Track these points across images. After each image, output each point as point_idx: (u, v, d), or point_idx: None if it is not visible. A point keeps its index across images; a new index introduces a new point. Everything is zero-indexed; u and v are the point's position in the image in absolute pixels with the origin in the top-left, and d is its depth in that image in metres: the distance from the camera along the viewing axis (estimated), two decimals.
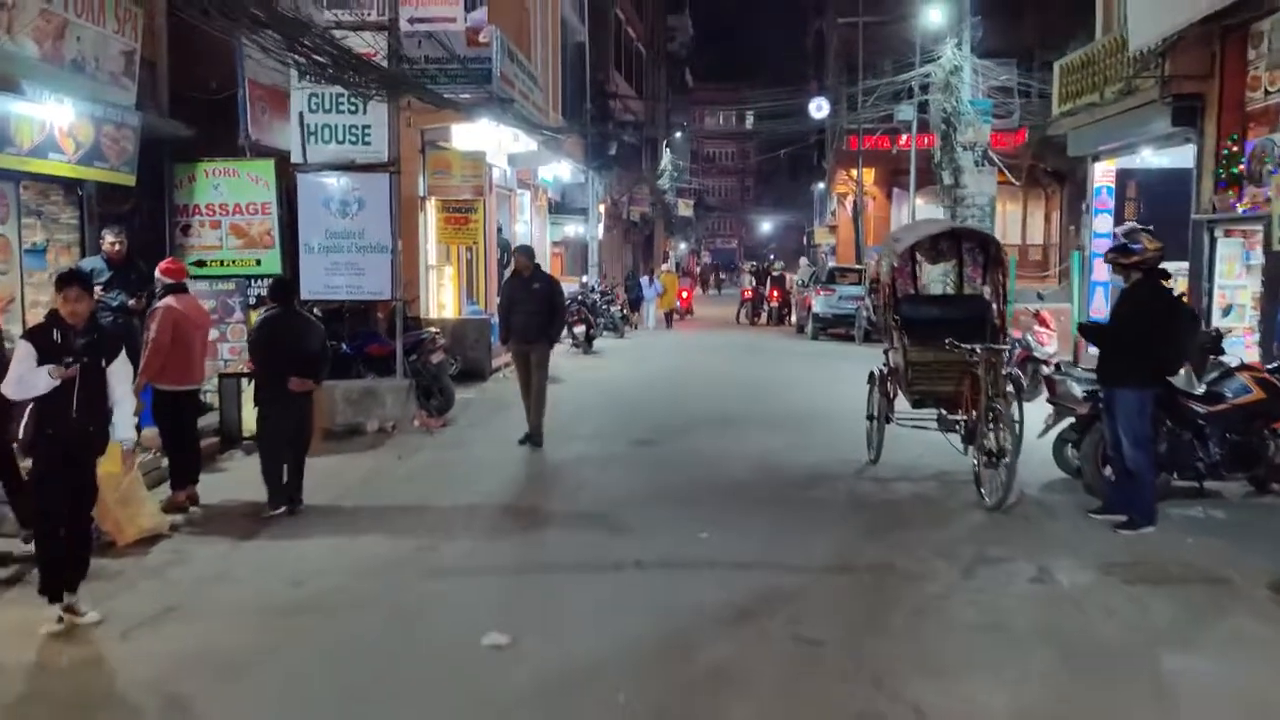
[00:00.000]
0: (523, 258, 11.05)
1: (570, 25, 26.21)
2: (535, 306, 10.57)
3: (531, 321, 10.57)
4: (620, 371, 17.63)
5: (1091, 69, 15.81)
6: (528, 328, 10.59)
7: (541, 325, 10.61)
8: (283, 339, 8.05)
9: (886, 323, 9.54)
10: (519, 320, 10.65)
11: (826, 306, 24.90)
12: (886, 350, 9.79)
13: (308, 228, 11.58)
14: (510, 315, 10.80)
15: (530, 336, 10.62)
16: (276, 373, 8.00)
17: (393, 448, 10.60)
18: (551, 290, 10.85)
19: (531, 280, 10.77)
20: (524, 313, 10.60)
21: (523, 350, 10.74)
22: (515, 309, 10.70)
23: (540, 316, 10.58)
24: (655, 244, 46.57)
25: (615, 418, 12.51)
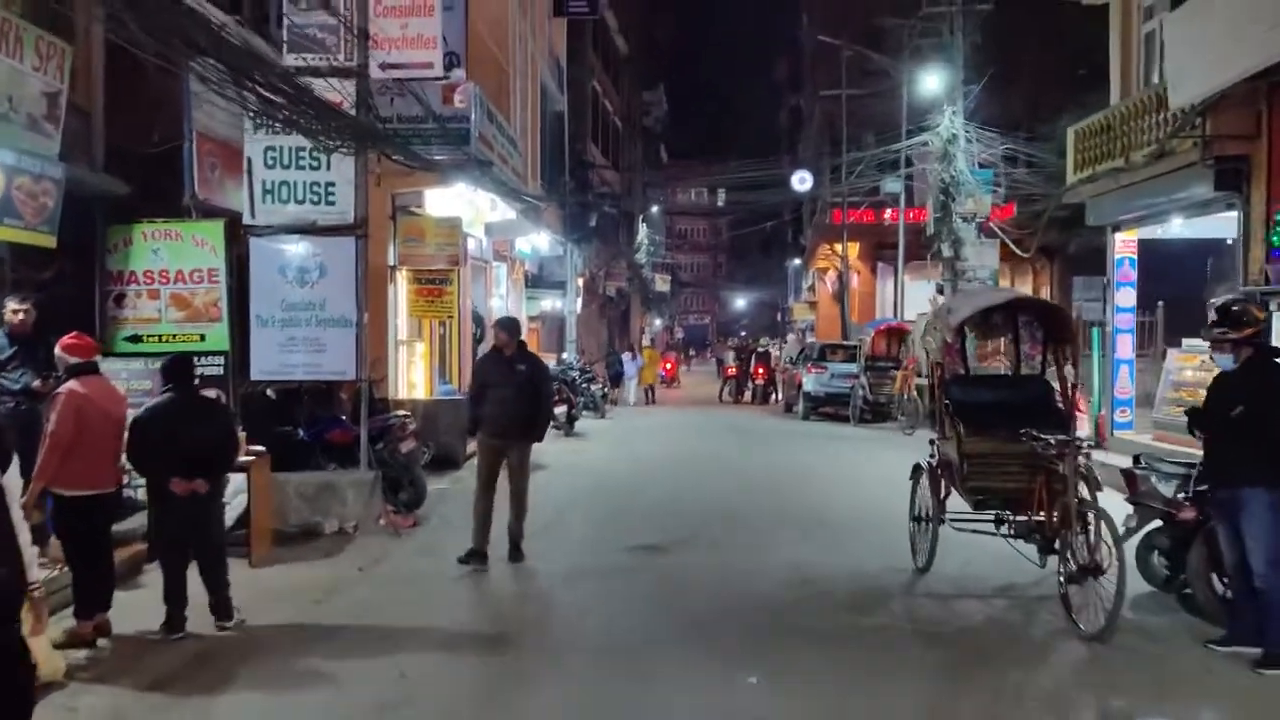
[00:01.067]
0: (504, 333, 8.97)
1: (549, 93, 25.21)
2: (517, 394, 8.57)
3: (511, 412, 8.57)
4: (608, 456, 16.14)
5: (1111, 133, 14.81)
6: (506, 420, 8.59)
7: (524, 418, 8.64)
8: (166, 430, 6.64)
9: (938, 409, 8.16)
10: (495, 410, 8.61)
11: (819, 385, 23.62)
12: (935, 440, 8.40)
13: (261, 298, 10.14)
14: (482, 402, 8.75)
15: (509, 431, 8.66)
16: (156, 472, 6.65)
17: (354, 554, 9.03)
18: (538, 375, 8.94)
19: (514, 361, 8.75)
20: (502, 401, 8.58)
21: (496, 447, 8.74)
22: (490, 395, 8.68)
23: (523, 407, 8.61)
24: (631, 320, 45.38)
25: (609, 515, 11.00)
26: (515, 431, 8.68)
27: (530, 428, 8.76)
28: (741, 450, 17.33)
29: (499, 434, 8.68)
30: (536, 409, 8.75)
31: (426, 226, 14.89)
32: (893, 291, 34.95)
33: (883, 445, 18.44)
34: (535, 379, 8.79)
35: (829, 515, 11.00)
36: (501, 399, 8.58)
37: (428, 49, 12.21)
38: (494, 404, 8.61)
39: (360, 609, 7.45)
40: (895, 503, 11.70)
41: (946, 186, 20.64)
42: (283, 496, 9.72)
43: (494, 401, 8.61)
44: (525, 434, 8.76)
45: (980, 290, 8.48)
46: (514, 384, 8.59)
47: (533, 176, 21.75)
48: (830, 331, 39.38)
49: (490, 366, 8.99)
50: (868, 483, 13.53)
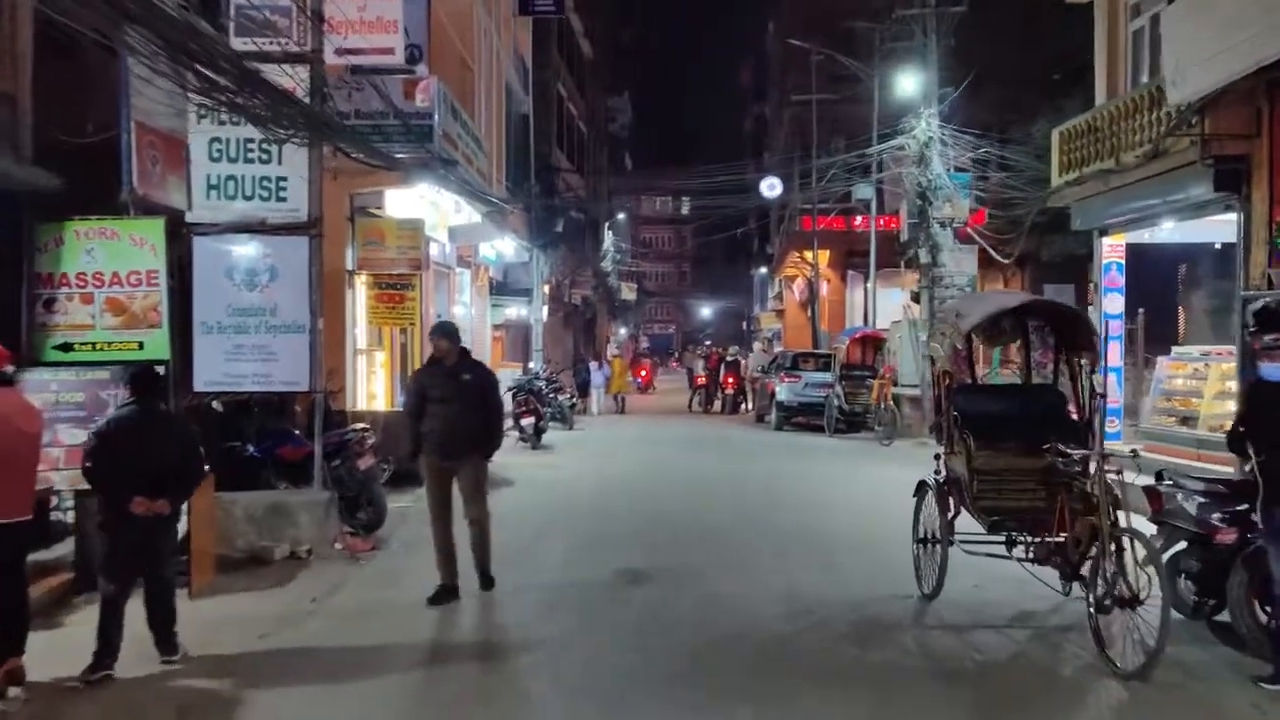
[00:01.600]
0: (443, 340, 7.84)
1: (514, 93, 24.48)
2: (463, 407, 7.61)
3: (458, 428, 7.59)
4: (579, 470, 15.39)
5: (1097, 134, 14.33)
6: (451, 438, 7.59)
7: (473, 434, 7.67)
8: (128, 445, 6.17)
9: (946, 421, 7.51)
10: (438, 427, 7.62)
11: (792, 394, 23.02)
12: (941, 455, 7.75)
13: (205, 303, 9.34)
14: (423, 419, 7.72)
15: (454, 450, 7.64)
16: (115, 489, 6.16)
17: (306, 582, 8.23)
18: (485, 386, 7.96)
19: (457, 370, 7.75)
20: (445, 416, 7.60)
21: (445, 469, 7.73)
22: (432, 411, 7.66)
23: (471, 421, 7.65)
24: (597, 329, 44.66)
25: (586, 536, 10.26)
26: (464, 449, 7.67)
27: (481, 444, 7.81)
28: (718, 463, 16.66)
29: (446, 453, 7.67)
30: (486, 422, 7.82)
31: (387, 229, 14.10)
32: (863, 299, 34.51)
33: (862, 457, 17.86)
34: (482, 389, 7.86)
35: (818, 534, 10.33)
36: (445, 414, 7.61)
37: (388, 33, 11.47)
38: (437, 420, 7.63)
39: (312, 645, 6.69)
40: (886, 520, 11.12)
41: (923, 191, 20.10)
42: (228, 519, 8.91)
43: (437, 417, 7.63)
44: (475, 451, 7.78)
45: (990, 294, 7.87)
46: (458, 396, 7.63)
47: (498, 179, 21.00)
48: (798, 340, 38.89)
49: (430, 378, 7.85)
50: (854, 498, 12.91)
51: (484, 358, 22.44)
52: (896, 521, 11.00)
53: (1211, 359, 13.12)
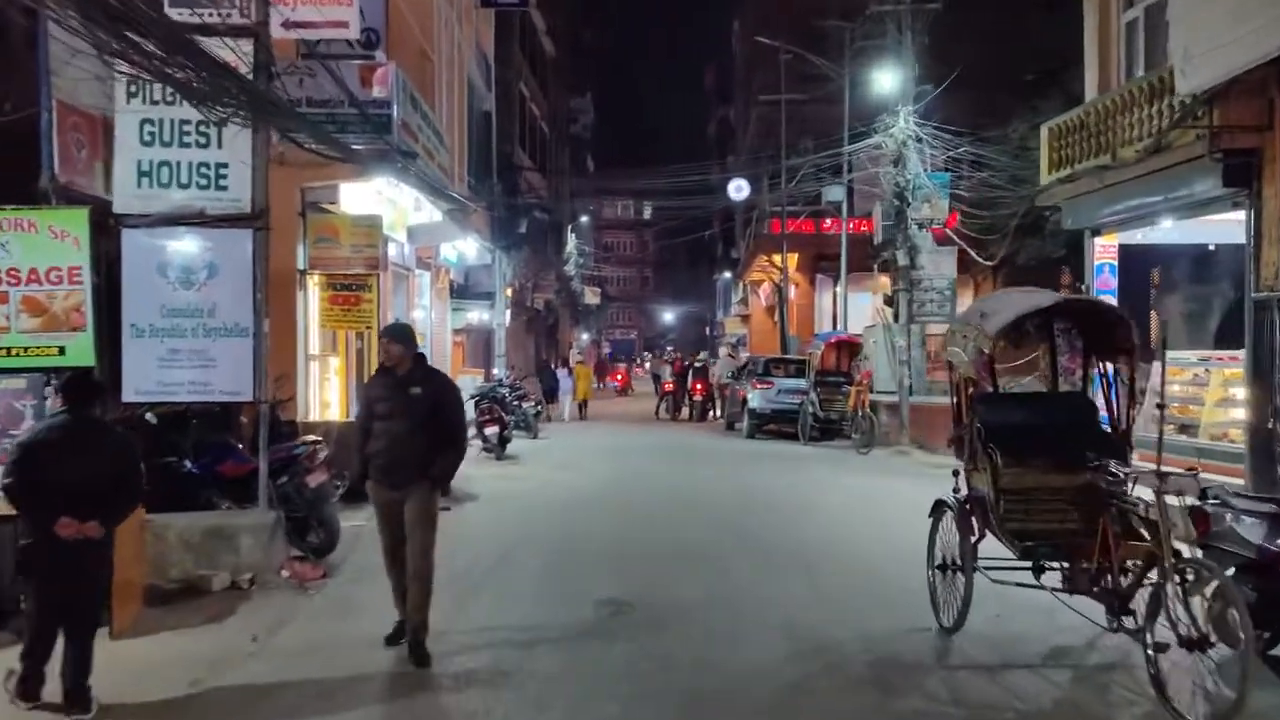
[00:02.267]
0: (394, 344, 6.59)
1: (476, 89, 23.56)
2: (413, 425, 6.40)
3: (405, 449, 6.38)
4: (547, 483, 14.48)
5: (1087, 130, 13.72)
6: (398, 459, 6.39)
7: (419, 457, 6.39)
8: (56, 459, 5.47)
9: (969, 434, 6.73)
10: (384, 446, 6.45)
11: (765, 401, 22.27)
12: (963, 471, 6.97)
13: (136, 303, 8.36)
14: (371, 438, 6.55)
15: (402, 475, 6.40)
16: (39, 509, 5.48)
17: (247, 616, 7.30)
18: (442, 398, 6.61)
19: (409, 381, 6.52)
20: (392, 434, 6.41)
21: (391, 499, 6.50)
22: (378, 429, 6.51)
23: (420, 442, 6.40)
24: (560, 334, 43.73)
25: (559, 559, 9.37)
26: (410, 475, 6.39)
27: (431, 465, 6.43)
28: (692, 474, 15.84)
29: (392, 480, 6.44)
30: (438, 444, 6.46)
31: (341, 225, 13.14)
32: (832, 304, 33.92)
33: (842, 467, 17.13)
34: (435, 404, 6.49)
35: (808, 553, 9.52)
36: (392, 432, 6.41)
37: (342, 5, 10.53)
38: (382, 439, 6.46)
39: (253, 690, 5.79)
40: (878, 536, 10.39)
41: (901, 191, 19.44)
42: (160, 544, 7.96)
43: (383, 435, 6.45)
44: (424, 475, 6.42)
45: (1016, 291, 7.13)
46: (407, 412, 6.41)
47: (460, 177, 20.08)
48: (764, 346, 38.22)
49: (377, 389, 6.65)
50: (840, 511, 12.15)
51: (444, 364, 21.50)
52: (889, 538, 10.31)
53: (1212, 364, 12.53)
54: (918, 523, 11.40)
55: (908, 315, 19.85)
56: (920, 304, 19.72)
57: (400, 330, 6.93)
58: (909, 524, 11.23)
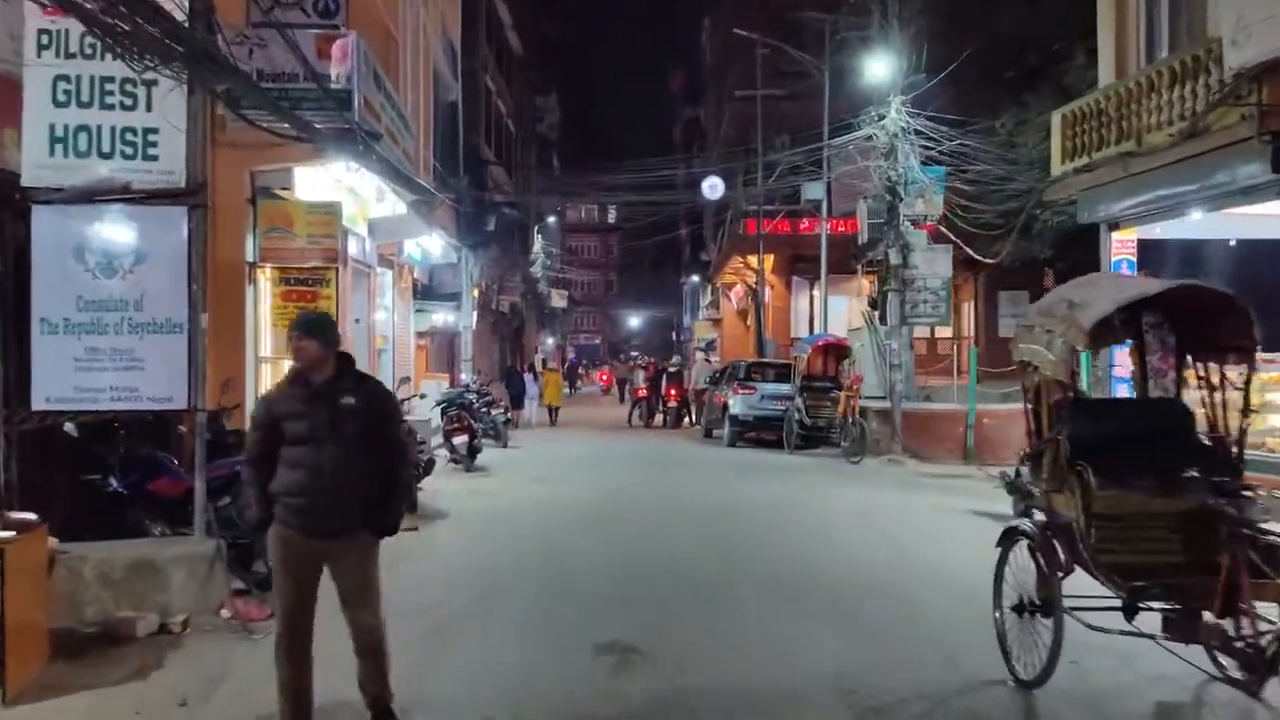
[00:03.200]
0: (308, 339, 4.86)
1: (442, 78, 22.28)
2: (340, 451, 4.77)
3: (339, 485, 4.77)
4: (523, 498, 13.24)
5: (1106, 116, 12.77)
6: (330, 501, 4.77)
7: (356, 495, 4.82)
8: None
9: (1053, 449, 5.59)
10: (298, 482, 4.79)
11: (747, 408, 21.16)
12: (1040, 492, 5.85)
13: (48, 293, 7.08)
14: (273, 469, 4.88)
15: (326, 522, 4.80)
16: None
17: (178, 670, 6.02)
18: (380, 416, 4.99)
19: (333, 391, 4.84)
20: (319, 465, 4.75)
21: (312, 552, 4.84)
22: (291, 456, 4.83)
23: (358, 471, 4.81)
24: (526, 338, 42.42)
25: (549, 590, 8.15)
26: (343, 520, 4.80)
27: (372, 511, 4.87)
28: (679, 486, 14.66)
29: (312, 526, 4.78)
30: (382, 474, 4.89)
31: (296, 213, 11.82)
32: (808, 306, 32.98)
33: (836, 478, 16.04)
34: (378, 419, 4.93)
35: (833, 584, 8.36)
36: (316, 460, 4.75)
37: None
38: (302, 469, 4.77)
39: None
40: (905, 560, 9.21)
41: (893, 186, 18.42)
42: (74, 579, 6.67)
43: (302, 465, 4.77)
44: (360, 521, 4.85)
45: (1105, 277, 6.04)
46: (337, 431, 4.77)
47: (425, 167, 18.79)
48: (737, 350, 37.20)
49: (287, 403, 4.89)
50: (851, 530, 11.02)
51: (408, 369, 20.17)
52: (914, 561, 9.21)
53: None
54: (941, 542, 10.42)
55: (900, 317, 18.82)
56: (913, 305, 18.70)
57: (315, 323, 5.04)
58: (931, 543, 10.19)
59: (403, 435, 5.25)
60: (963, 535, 10.74)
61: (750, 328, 36.73)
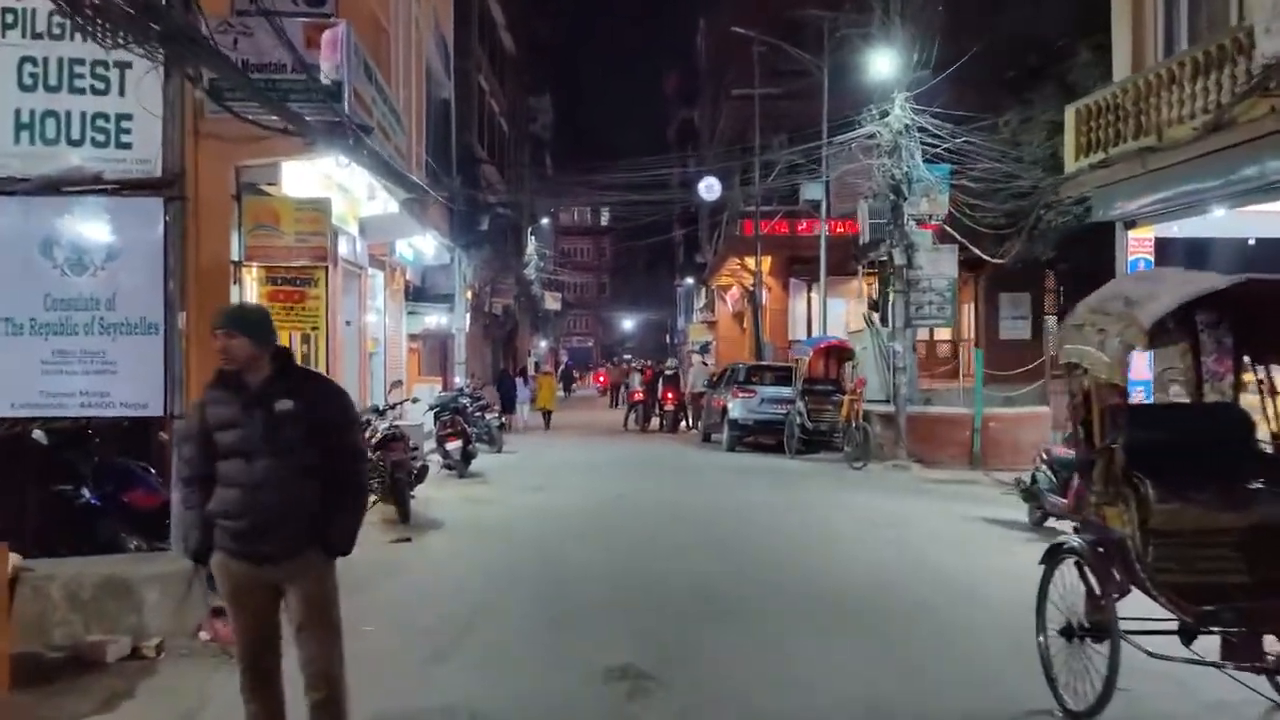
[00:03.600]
0: (236, 335, 4.16)
1: (435, 75, 21.78)
2: (287, 460, 4.15)
3: (280, 501, 4.14)
4: (520, 506, 12.75)
5: (1124, 110, 12.34)
6: (270, 520, 4.14)
7: (304, 509, 4.18)
8: None
9: (1107, 460, 5.12)
10: (242, 499, 4.15)
11: (746, 412, 20.68)
12: (1090, 504, 5.38)
13: (12, 291, 6.61)
14: (218, 486, 4.22)
15: (276, 544, 4.17)
16: None
17: (151, 701, 5.54)
18: (328, 413, 4.32)
19: (270, 392, 4.18)
20: (256, 480, 4.13)
21: (256, 581, 4.24)
22: (225, 471, 4.20)
23: (301, 484, 4.18)
24: (518, 341, 41.91)
25: (548, 609, 7.64)
26: (291, 541, 4.14)
27: (321, 530, 4.21)
28: (683, 493, 14.17)
29: (257, 549, 4.14)
30: (330, 486, 4.22)
31: (283, 210, 11.29)
32: (806, 309, 32.55)
33: (842, 484, 15.60)
34: (322, 424, 4.22)
35: (854, 600, 7.89)
36: (251, 475, 4.11)
37: None
38: (236, 487, 4.14)
39: None
40: (926, 573, 8.68)
41: (897, 184, 17.97)
42: (41, 599, 6.17)
43: (237, 481, 4.14)
44: (311, 544, 4.19)
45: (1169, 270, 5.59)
46: (274, 440, 4.11)
47: (418, 164, 18.30)
48: (733, 353, 36.73)
49: (221, 409, 4.19)
50: (866, 540, 10.54)
51: (400, 372, 19.66)
52: (937, 575, 8.72)
53: None
54: (959, 553, 9.91)
55: (904, 319, 18.37)
56: (918, 306, 18.26)
57: (244, 315, 4.39)
58: (949, 554, 9.66)
59: (357, 439, 4.69)
60: (980, 545, 10.32)
61: (746, 330, 36.29)
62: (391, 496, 11.23)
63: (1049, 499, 11.08)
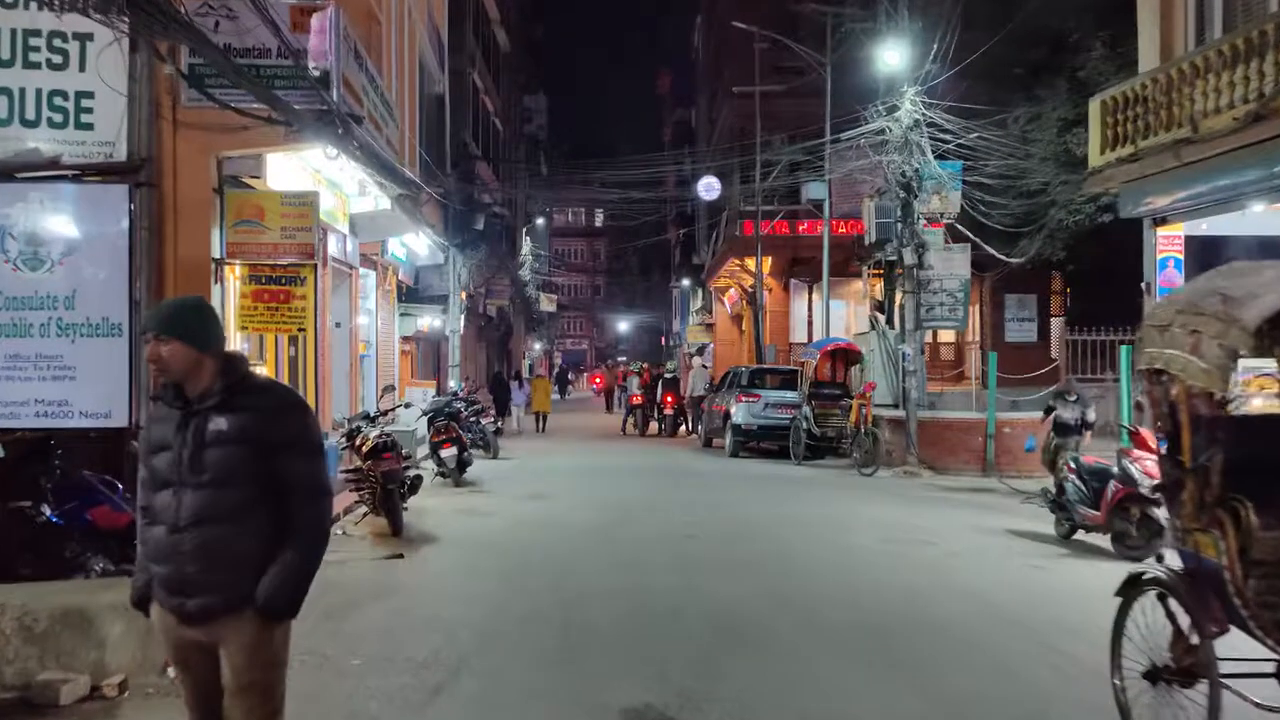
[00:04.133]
0: (173, 344, 3.29)
1: (428, 70, 21.13)
2: (204, 496, 3.26)
3: (194, 548, 3.25)
4: (520, 519, 12.07)
5: (1154, 102, 11.74)
6: (186, 574, 3.27)
7: (229, 558, 3.28)
8: None
9: (1206, 481, 4.47)
10: (165, 540, 3.29)
11: (750, 416, 20.08)
12: (1178, 530, 4.75)
13: None
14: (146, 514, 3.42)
15: (203, 597, 3.27)
16: None
17: None
18: (276, 431, 3.33)
19: (200, 408, 3.31)
20: (170, 520, 3.28)
21: (184, 639, 3.40)
22: (161, 502, 3.33)
23: (225, 526, 3.27)
24: (513, 343, 41.22)
25: (560, 634, 6.98)
26: (222, 595, 3.29)
27: (262, 582, 3.29)
28: (690, 504, 13.49)
29: (184, 601, 3.31)
30: (270, 533, 3.32)
31: (268, 204, 10.60)
32: (806, 311, 31.93)
33: (853, 492, 14.98)
34: (269, 445, 3.32)
35: (888, 623, 7.23)
36: (169, 512, 3.31)
37: None
38: (156, 525, 3.35)
39: None
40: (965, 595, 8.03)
41: (908, 181, 17.34)
42: None
43: (155, 518, 3.36)
44: (245, 602, 3.28)
45: (1269, 264, 4.99)
46: (192, 469, 3.28)
47: (412, 159, 17.63)
48: (731, 355, 36.10)
49: (156, 425, 3.42)
50: (891, 557, 9.87)
51: (392, 376, 18.98)
52: (967, 595, 8.07)
53: None
54: (991, 571, 9.19)
55: (915, 320, 17.75)
56: (929, 307, 17.64)
57: (177, 316, 3.37)
58: (982, 573, 8.91)
59: (317, 469, 3.39)
60: (1011, 561, 9.69)
61: (745, 333, 35.65)
62: (383, 508, 10.59)
63: (1079, 510, 10.49)
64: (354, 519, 10.86)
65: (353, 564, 8.88)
